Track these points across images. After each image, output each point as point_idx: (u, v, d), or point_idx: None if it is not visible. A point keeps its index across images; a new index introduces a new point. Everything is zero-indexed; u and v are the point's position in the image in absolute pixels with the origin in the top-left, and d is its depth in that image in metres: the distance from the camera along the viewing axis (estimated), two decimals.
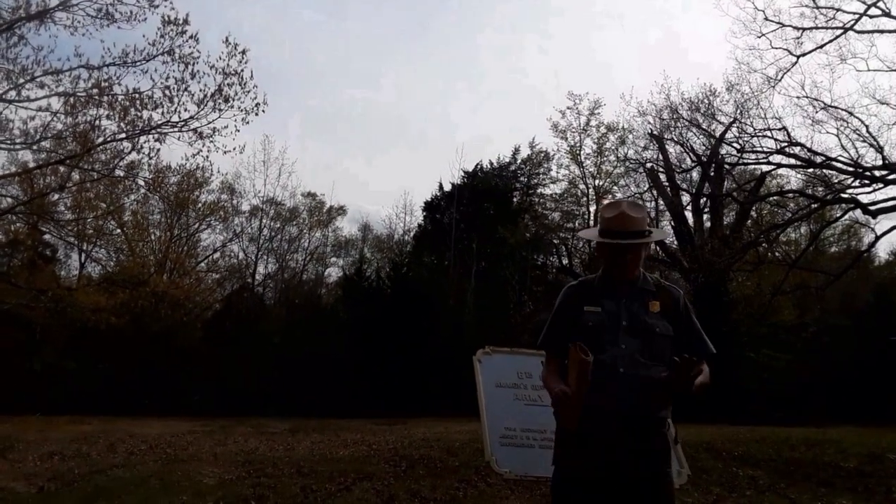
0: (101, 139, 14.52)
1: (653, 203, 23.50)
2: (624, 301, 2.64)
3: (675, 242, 21.43)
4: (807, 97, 12.87)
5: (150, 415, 16.82)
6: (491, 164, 28.39)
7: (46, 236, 21.81)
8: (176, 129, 14.23)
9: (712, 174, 19.74)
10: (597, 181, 25.35)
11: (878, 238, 13.58)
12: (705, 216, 21.46)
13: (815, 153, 12.30)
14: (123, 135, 14.43)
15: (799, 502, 5.68)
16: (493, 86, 47.29)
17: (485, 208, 26.58)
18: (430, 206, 27.87)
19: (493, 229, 24.15)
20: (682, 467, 5.54)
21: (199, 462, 8.53)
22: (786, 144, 12.62)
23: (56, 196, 17.73)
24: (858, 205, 11.71)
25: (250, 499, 6.14)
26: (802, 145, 12.47)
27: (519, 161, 28.68)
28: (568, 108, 25.26)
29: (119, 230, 22.67)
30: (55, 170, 16.58)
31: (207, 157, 14.76)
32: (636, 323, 2.60)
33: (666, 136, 18.58)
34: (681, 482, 5.40)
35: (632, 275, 2.70)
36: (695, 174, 21.15)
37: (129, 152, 14.82)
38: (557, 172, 27.64)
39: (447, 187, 27.54)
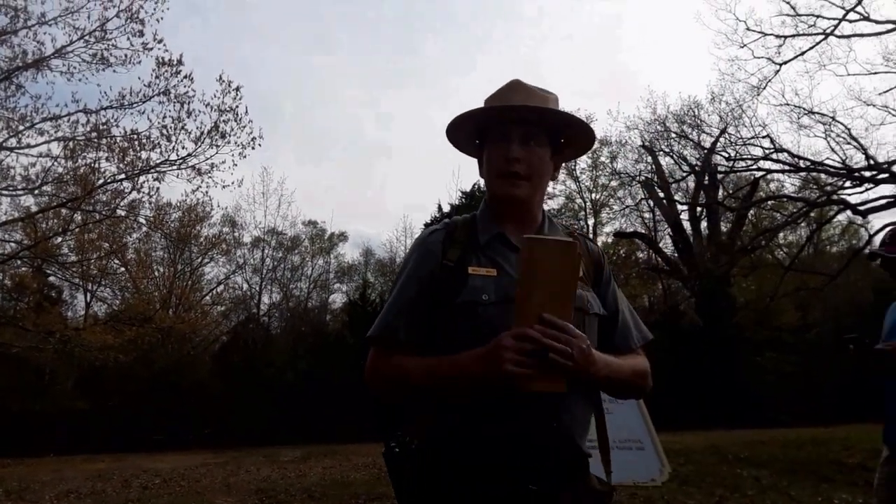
0: (101, 181, 14.81)
1: (650, 214, 23.73)
2: None
3: (675, 252, 21.60)
4: (787, 104, 13.15)
5: (162, 449, 16.92)
6: None
7: (51, 279, 21.99)
8: (174, 168, 14.53)
9: (706, 183, 19.97)
10: (593, 195, 25.61)
11: (871, 237, 13.72)
12: (703, 224, 21.65)
13: (800, 158, 12.55)
14: (123, 175, 14.74)
15: (799, 499, 5.79)
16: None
17: None
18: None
19: None
20: (662, 465, 5.68)
21: (213, 493, 8.66)
22: (771, 151, 12.88)
23: (59, 239, 17.98)
24: (848, 206, 11.92)
25: None
26: (788, 151, 12.76)
27: None
28: None
29: (123, 268, 22.87)
30: (57, 213, 16.84)
31: (207, 192, 15.06)
32: None
33: (656, 148, 18.87)
34: (662, 479, 5.53)
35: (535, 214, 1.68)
36: (690, 183, 21.39)
37: (130, 192, 15.11)
38: (554, 188, 27.90)
39: (446, 208, 27.79)
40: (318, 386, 18.86)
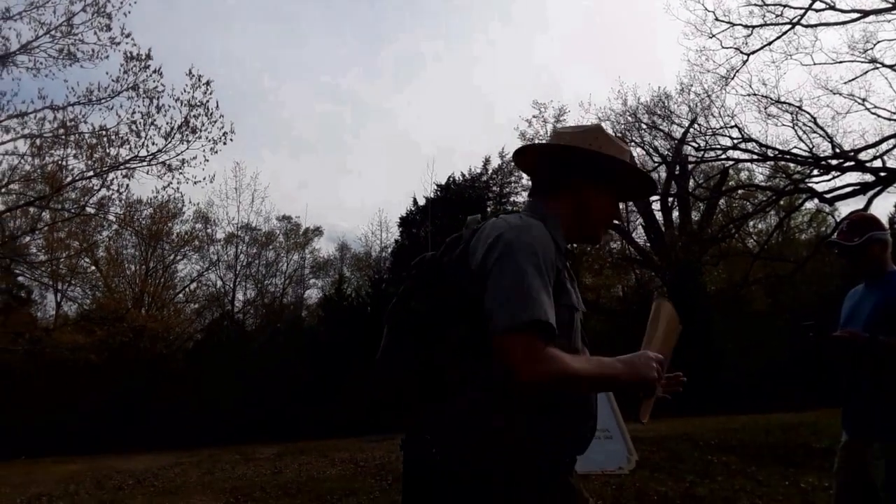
0: (69, 178, 14.58)
1: (623, 204, 23.95)
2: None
3: (647, 242, 21.82)
4: (755, 94, 13.32)
5: (135, 450, 16.73)
6: (463, 175, 28.63)
7: (20, 278, 21.62)
8: (144, 164, 14.33)
9: (677, 173, 20.18)
10: None
11: (838, 225, 13.93)
12: (674, 214, 21.89)
13: (768, 147, 12.74)
14: (91, 172, 14.50)
15: (767, 483, 5.90)
16: (457, 96, 47.75)
17: (460, 220, 26.65)
18: (405, 222, 28.00)
19: None
20: (630, 454, 5.78)
21: (188, 492, 8.60)
22: (739, 141, 13.05)
23: (27, 238, 17.67)
24: (815, 194, 12.13)
25: None
26: (756, 140, 12.92)
27: (490, 171, 28.99)
28: (534, 116, 25.64)
29: (94, 267, 22.55)
30: (25, 211, 16.56)
31: (178, 188, 14.88)
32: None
33: (628, 139, 19.04)
34: (629, 468, 5.62)
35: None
36: (661, 173, 21.59)
37: (99, 189, 14.87)
38: (528, 180, 27.98)
39: (421, 201, 27.76)
40: (294, 382, 18.78)
